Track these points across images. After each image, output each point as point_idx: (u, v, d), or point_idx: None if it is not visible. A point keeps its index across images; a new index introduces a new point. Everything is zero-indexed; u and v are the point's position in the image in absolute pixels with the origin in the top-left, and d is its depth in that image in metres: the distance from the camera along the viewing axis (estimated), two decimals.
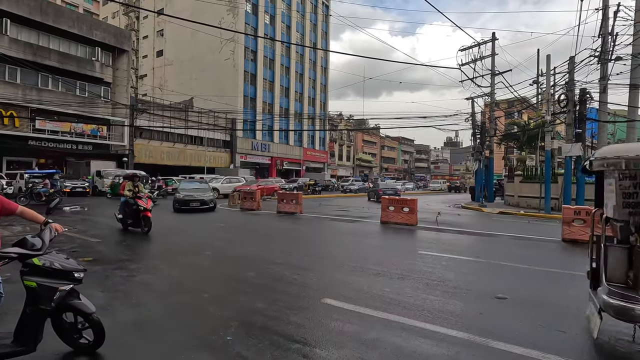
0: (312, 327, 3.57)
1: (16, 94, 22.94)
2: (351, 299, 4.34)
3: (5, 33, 22.63)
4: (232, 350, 3.04)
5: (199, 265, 6.07)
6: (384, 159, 79.12)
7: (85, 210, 14.36)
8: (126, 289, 4.69)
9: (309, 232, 10.51)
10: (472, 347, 3.18)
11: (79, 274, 2.80)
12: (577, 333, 3.55)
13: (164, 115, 31.89)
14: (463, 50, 23.20)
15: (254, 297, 4.41)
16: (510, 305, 4.32)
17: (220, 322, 3.64)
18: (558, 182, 17.44)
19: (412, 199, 12.00)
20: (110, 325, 3.53)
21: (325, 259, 6.70)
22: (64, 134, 25.13)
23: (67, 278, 2.73)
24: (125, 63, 29.67)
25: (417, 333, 3.44)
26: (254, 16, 41.90)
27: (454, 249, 7.83)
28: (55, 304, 2.67)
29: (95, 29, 27.39)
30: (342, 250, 7.57)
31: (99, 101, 27.18)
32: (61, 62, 25.02)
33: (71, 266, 2.78)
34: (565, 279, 5.55)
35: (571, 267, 6.25)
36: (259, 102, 42.33)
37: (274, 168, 43.88)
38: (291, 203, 14.79)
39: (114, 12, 51.33)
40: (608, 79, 14.74)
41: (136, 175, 9.80)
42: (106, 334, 2.91)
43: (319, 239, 9.54)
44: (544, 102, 18.17)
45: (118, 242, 8.21)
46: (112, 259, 6.29)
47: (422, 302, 4.30)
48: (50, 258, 2.70)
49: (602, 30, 14.53)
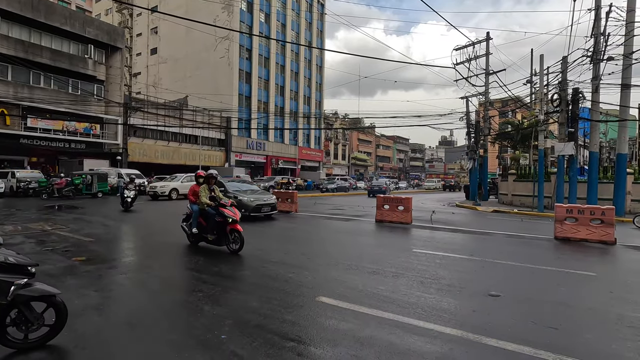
0: (307, 325, 3.57)
1: (7, 91, 22.63)
2: (346, 297, 4.35)
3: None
4: (226, 349, 3.03)
5: (193, 264, 6.04)
6: (379, 158, 79.28)
7: (78, 209, 14.22)
8: (120, 288, 4.66)
9: (304, 231, 10.50)
10: (466, 344, 3.21)
11: (32, 267, 2.90)
12: (569, 330, 3.59)
13: (158, 114, 31.65)
14: (458, 49, 23.29)
15: (249, 295, 4.41)
16: (504, 303, 4.36)
17: (214, 320, 3.63)
18: (551, 181, 17.63)
19: (406, 197, 12.04)
20: (104, 325, 3.52)
21: (320, 258, 6.71)
22: (56, 132, 24.85)
23: (22, 272, 2.81)
24: (118, 61, 29.39)
25: (412, 330, 3.46)
26: (249, 14, 41.71)
27: (448, 247, 7.88)
28: (10, 298, 2.72)
29: (88, 26, 27.09)
30: (337, 248, 7.58)
31: (92, 99, 26.90)
32: (53, 59, 24.72)
33: (25, 260, 2.87)
34: (558, 276, 5.62)
35: (563, 265, 6.33)
36: (254, 101, 42.20)
37: (269, 167, 43.79)
38: (286, 202, 14.78)
39: (107, 9, 50.80)
40: (600, 78, 14.89)
41: (212, 176, 7.32)
42: (99, 333, 2.89)
43: (314, 238, 9.54)
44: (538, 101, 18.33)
45: (111, 241, 8.15)
46: (105, 258, 6.24)
47: (417, 300, 4.33)
48: (3, 253, 2.77)
49: (594, 30, 14.67)
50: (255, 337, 3.26)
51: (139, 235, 9.38)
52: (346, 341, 3.21)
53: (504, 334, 3.38)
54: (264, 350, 3.00)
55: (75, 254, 6.39)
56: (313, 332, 3.40)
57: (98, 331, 3.35)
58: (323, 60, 56.07)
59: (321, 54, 54.96)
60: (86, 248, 7.02)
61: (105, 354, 2.95)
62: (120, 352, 3.00)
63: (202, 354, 2.96)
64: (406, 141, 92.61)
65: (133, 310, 3.94)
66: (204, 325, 3.51)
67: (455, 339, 3.29)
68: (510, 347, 3.14)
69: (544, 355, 3.01)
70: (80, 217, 11.83)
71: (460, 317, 3.82)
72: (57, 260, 5.97)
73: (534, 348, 3.11)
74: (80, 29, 26.35)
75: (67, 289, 4.50)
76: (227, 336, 3.27)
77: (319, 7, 54.11)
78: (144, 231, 9.92)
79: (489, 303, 4.35)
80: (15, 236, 7.92)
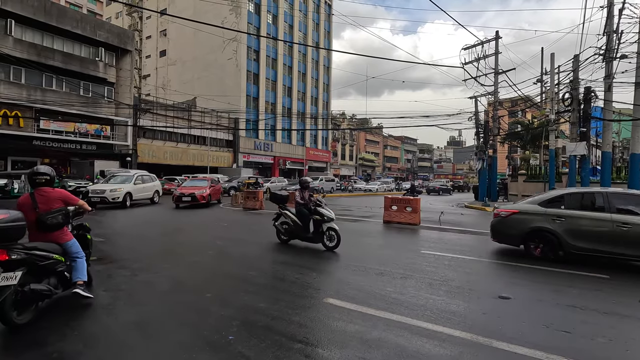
0: (315, 326, 3.56)
1: (20, 94, 23.09)
2: (353, 299, 4.32)
3: (9, 34, 22.76)
4: (234, 350, 3.03)
5: (202, 265, 6.07)
6: (386, 159, 78.99)
7: (89, 210, 14.39)
8: (129, 288, 4.70)
9: None
10: (476, 347, 3.16)
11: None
12: (582, 334, 3.52)
13: (167, 115, 32.00)
14: (466, 49, 23.07)
15: (256, 296, 4.41)
16: (514, 305, 4.29)
17: (222, 321, 3.63)
18: (562, 182, 17.35)
19: (415, 198, 11.96)
20: (113, 324, 3.55)
21: (327, 259, 6.69)
22: (67, 133, 25.28)
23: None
24: (128, 63, 29.78)
25: (420, 333, 3.42)
26: (256, 16, 41.93)
27: (456, 248, 7.79)
28: None
29: (99, 29, 27.51)
30: (344, 249, 7.55)
31: (102, 101, 27.30)
32: (65, 62, 25.15)
33: None
34: (568, 278, 5.50)
35: (574, 267, 6.21)
36: (261, 102, 42.38)
37: (276, 168, 43.92)
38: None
39: (118, 13, 51.56)
40: (613, 77, 14.60)
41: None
42: (108, 333, 2.92)
43: None
44: (548, 100, 18.06)
45: (121, 241, 8.24)
46: (115, 258, 6.31)
47: (425, 302, 4.28)
48: None
49: (607, 28, 14.40)
50: (263, 338, 3.25)
51: (147, 236, 9.48)
52: (354, 343, 3.19)
53: (514, 338, 3.32)
54: (271, 352, 3.00)
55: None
56: (321, 334, 3.39)
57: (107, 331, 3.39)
58: (330, 61, 56.08)
59: (328, 55, 54.98)
60: (96, 248, 7.11)
61: (114, 354, 2.98)
62: (129, 352, 3.02)
63: (210, 354, 2.96)
64: (414, 141, 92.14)
65: (142, 310, 3.96)
66: (212, 325, 3.52)
67: (465, 342, 3.24)
68: (522, 351, 3.08)
69: (557, 359, 2.94)
70: (91, 217, 11.97)
71: (469, 320, 3.76)
72: None
73: (546, 352, 3.05)
74: (92, 32, 26.77)
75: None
76: (234, 337, 3.27)
77: (326, 7, 54.16)
78: (154, 231, 10.01)
79: (499, 305, 4.28)
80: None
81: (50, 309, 3.88)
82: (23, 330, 3.35)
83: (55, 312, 3.80)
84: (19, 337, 3.23)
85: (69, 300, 4.07)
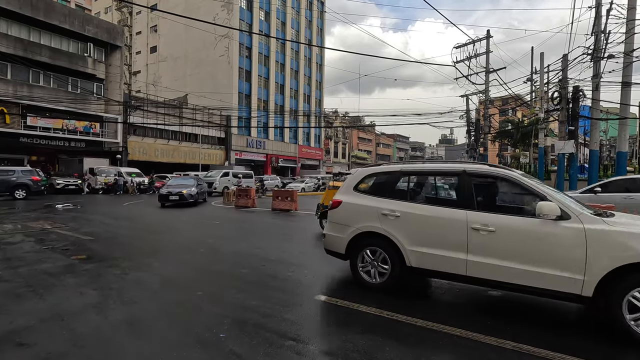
0: (306, 323, 3.57)
1: (6, 90, 22.61)
2: (345, 296, 4.35)
3: None
4: (225, 347, 3.03)
5: (193, 263, 6.04)
6: (379, 156, 79.22)
7: (77, 208, 14.23)
8: (119, 287, 4.65)
9: (303, 229, 10.49)
10: (486, 347, 3.20)
11: None
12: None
13: (158, 112, 31.63)
14: (458, 47, 23.24)
15: (248, 294, 4.41)
16: (499, 300, 4.36)
17: (213, 319, 3.63)
18: (551, 179, 17.64)
19: None
20: (103, 323, 3.52)
21: (319, 256, 6.68)
22: (56, 130, 24.83)
23: None
24: (118, 59, 29.34)
25: (409, 328, 3.46)
26: (248, 12, 41.62)
27: None
28: None
29: (88, 24, 27.03)
30: None
31: (91, 98, 26.86)
32: (52, 57, 24.67)
33: None
34: None
35: None
36: (253, 99, 42.15)
37: (269, 165, 43.80)
38: (286, 200, 14.78)
39: (107, 8, 50.66)
40: (601, 76, 14.85)
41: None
42: (98, 332, 2.89)
43: (313, 236, 9.53)
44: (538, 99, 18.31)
45: (111, 239, 8.14)
46: (105, 257, 6.23)
47: (414, 299, 4.33)
48: None
49: (595, 28, 14.63)
50: (254, 335, 3.26)
51: (137, 234, 9.39)
52: (345, 338, 3.21)
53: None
54: (262, 349, 3.00)
55: (75, 253, 6.40)
56: (312, 331, 3.41)
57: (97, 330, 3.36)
58: (323, 59, 55.96)
59: (321, 52, 54.86)
60: (86, 247, 7.02)
61: (104, 354, 2.95)
62: (119, 351, 3.00)
63: (201, 352, 2.95)
64: (406, 139, 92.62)
65: (132, 308, 3.93)
66: (203, 323, 3.51)
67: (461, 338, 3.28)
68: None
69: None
70: (80, 215, 11.82)
71: (461, 316, 3.81)
72: (57, 259, 5.98)
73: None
74: (80, 27, 26.28)
75: (65, 288, 4.52)
76: (226, 335, 3.27)
77: (319, 5, 53.97)
78: (144, 229, 9.92)
79: (486, 299, 4.33)
80: (15, 234, 7.93)
81: (40, 307, 3.83)
82: (11, 330, 3.30)
83: (44, 311, 3.76)
84: (7, 337, 3.18)
85: (58, 300, 4.02)
